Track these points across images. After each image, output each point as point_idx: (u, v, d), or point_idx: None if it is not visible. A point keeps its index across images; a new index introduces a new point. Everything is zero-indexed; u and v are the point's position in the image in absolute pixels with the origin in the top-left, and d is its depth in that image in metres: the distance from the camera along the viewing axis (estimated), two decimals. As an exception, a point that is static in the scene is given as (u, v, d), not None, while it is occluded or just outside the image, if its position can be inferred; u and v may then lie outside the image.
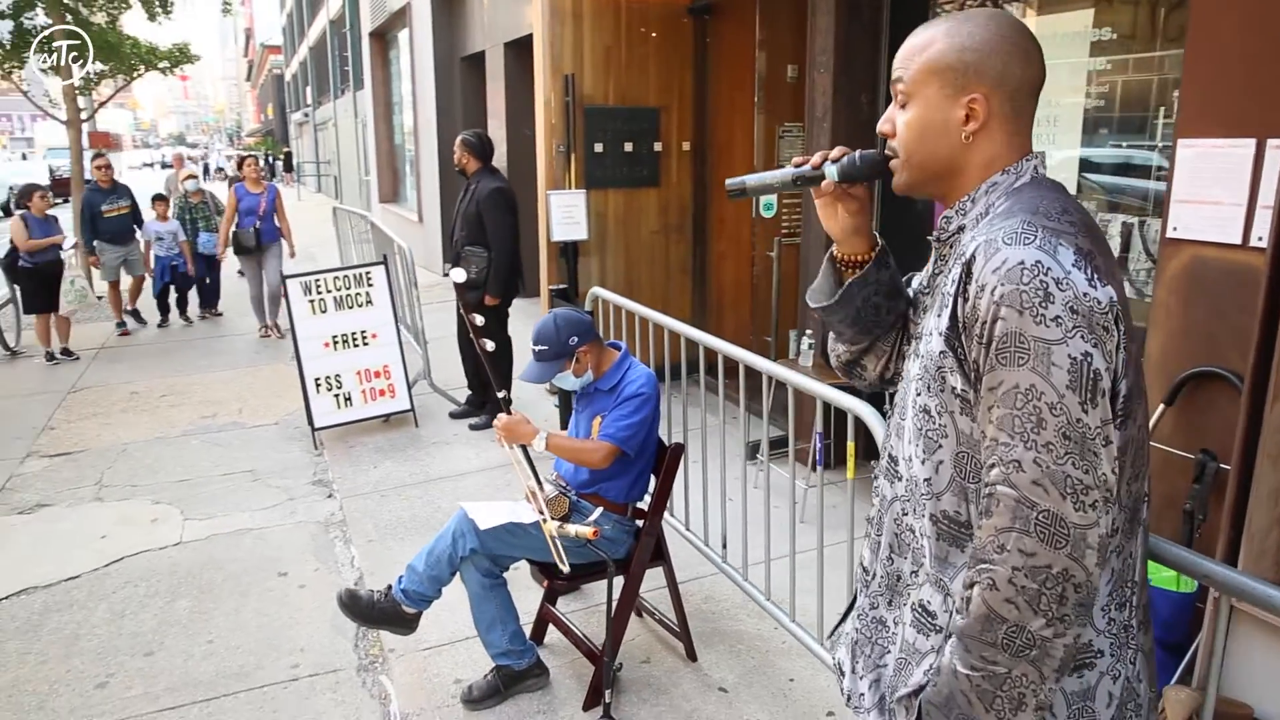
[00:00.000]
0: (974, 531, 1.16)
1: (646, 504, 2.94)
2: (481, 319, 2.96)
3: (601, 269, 6.29)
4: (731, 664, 3.04)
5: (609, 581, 2.74)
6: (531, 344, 2.87)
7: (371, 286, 5.53)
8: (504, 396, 2.96)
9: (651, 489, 2.93)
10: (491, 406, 5.20)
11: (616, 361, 2.92)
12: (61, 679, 3.08)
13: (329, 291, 5.42)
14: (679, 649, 3.09)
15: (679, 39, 6.27)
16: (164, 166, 34.59)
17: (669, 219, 6.47)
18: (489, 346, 2.88)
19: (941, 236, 1.27)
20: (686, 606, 3.10)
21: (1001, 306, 1.05)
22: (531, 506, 2.78)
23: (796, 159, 1.34)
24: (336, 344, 5.41)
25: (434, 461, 4.98)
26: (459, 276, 2.99)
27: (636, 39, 6.15)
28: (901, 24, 4.16)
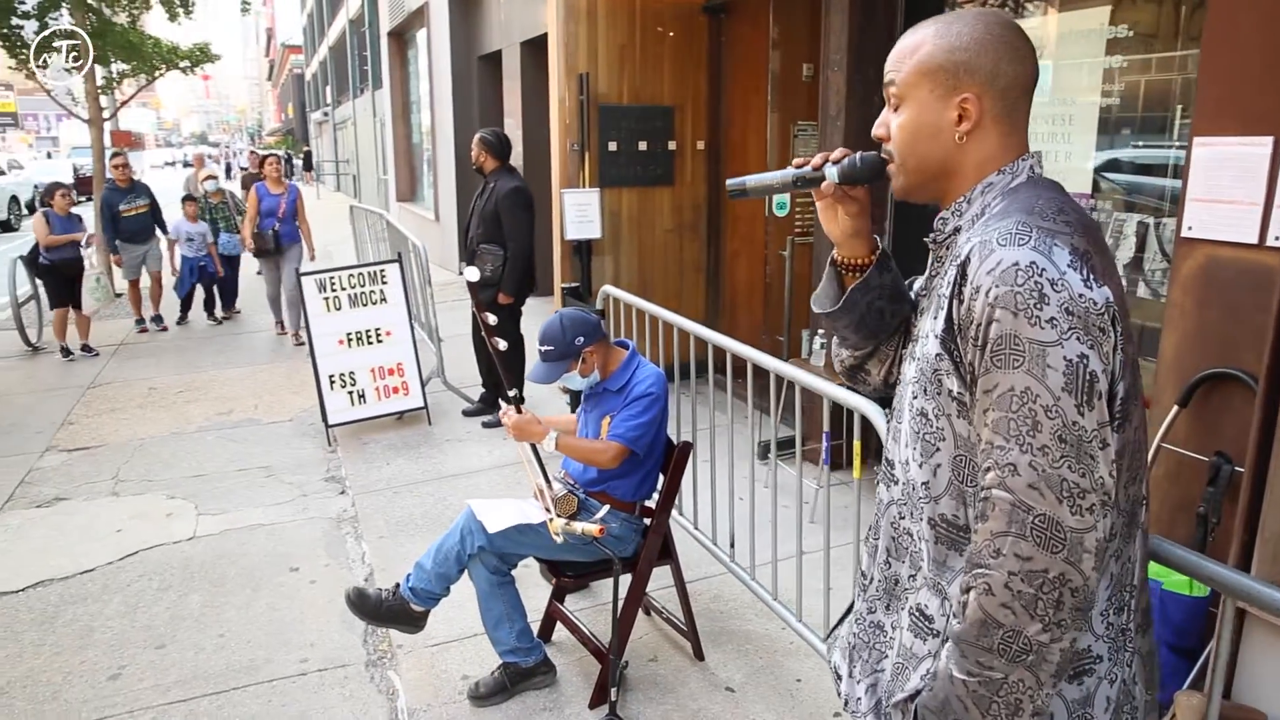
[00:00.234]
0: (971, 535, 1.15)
1: (654, 502, 2.94)
2: (495, 318, 2.97)
3: (615, 268, 6.30)
4: (739, 664, 3.03)
5: (614, 580, 2.74)
6: (538, 344, 2.87)
7: (386, 284, 5.56)
8: (515, 395, 2.97)
9: (660, 487, 2.92)
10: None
11: (624, 361, 2.91)
12: (75, 670, 3.12)
13: (344, 289, 5.46)
14: (686, 648, 3.08)
15: (693, 38, 6.25)
16: (185, 165, 34.90)
17: (683, 218, 6.47)
18: (501, 346, 2.89)
19: (938, 238, 1.26)
20: (694, 605, 3.09)
21: (996, 308, 1.04)
22: (539, 504, 2.78)
23: (797, 160, 1.34)
24: (351, 341, 5.44)
25: (446, 459, 5.00)
26: (473, 275, 3.00)
27: (651, 38, 6.15)
28: (916, 23, 4.12)
